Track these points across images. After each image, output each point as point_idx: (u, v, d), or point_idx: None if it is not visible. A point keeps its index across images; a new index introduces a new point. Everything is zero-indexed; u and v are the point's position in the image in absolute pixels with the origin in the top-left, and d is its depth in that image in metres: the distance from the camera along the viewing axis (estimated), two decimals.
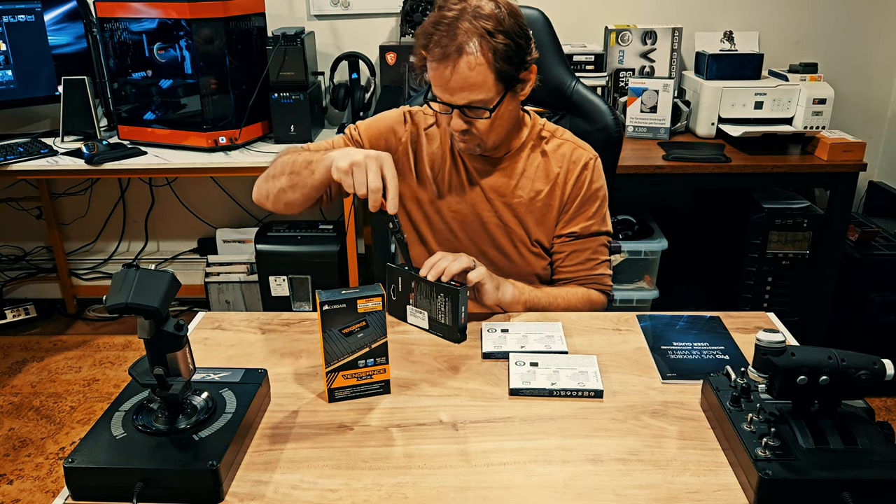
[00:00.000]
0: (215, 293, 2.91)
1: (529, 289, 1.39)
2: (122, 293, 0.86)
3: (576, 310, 1.42)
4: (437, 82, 1.29)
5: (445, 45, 1.24)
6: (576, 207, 1.44)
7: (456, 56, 1.24)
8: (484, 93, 1.28)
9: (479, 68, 1.25)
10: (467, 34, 1.23)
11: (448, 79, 1.26)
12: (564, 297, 1.43)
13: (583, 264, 1.46)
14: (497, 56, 1.25)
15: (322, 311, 1.03)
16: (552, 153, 1.44)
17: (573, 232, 1.45)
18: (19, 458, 2.26)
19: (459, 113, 1.31)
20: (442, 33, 1.24)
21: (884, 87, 2.80)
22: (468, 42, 1.23)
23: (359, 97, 2.70)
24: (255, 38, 2.56)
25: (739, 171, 2.30)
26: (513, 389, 1.10)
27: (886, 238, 2.48)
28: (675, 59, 2.67)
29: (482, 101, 1.28)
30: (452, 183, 1.46)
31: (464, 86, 1.26)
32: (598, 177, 1.45)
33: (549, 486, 0.90)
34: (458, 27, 1.24)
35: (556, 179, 1.43)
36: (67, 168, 2.43)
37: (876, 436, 0.90)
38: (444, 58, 1.25)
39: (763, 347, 0.90)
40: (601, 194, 1.46)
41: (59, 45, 2.65)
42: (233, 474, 0.92)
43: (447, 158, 1.46)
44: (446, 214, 1.47)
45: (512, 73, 1.29)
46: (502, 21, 1.25)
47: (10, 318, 3.08)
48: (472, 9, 1.25)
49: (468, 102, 1.28)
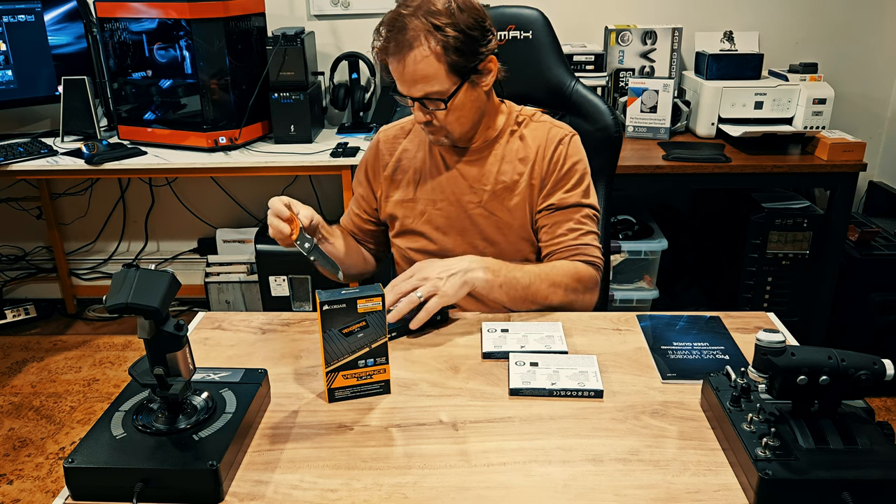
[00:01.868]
0: (215, 293, 2.91)
1: (505, 270, 1.33)
2: (122, 293, 0.86)
3: (562, 286, 1.36)
4: (395, 77, 1.35)
5: (399, 40, 1.30)
6: (553, 181, 1.44)
7: (407, 50, 1.30)
8: (438, 84, 1.32)
9: (428, 60, 1.30)
10: (416, 30, 1.29)
11: (402, 72, 1.32)
12: (548, 273, 1.36)
13: (565, 234, 1.42)
14: (447, 49, 1.30)
15: (322, 311, 1.03)
16: (529, 135, 1.46)
17: (552, 204, 1.43)
18: (19, 458, 2.26)
19: (420, 105, 1.36)
20: (395, 31, 1.30)
21: (884, 87, 2.80)
22: (417, 37, 1.29)
23: (359, 97, 2.70)
24: (255, 38, 2.56)
25: (739, 171, 2.30)
26: (513, 389, 1.10)
27: (886, 238, 2.48)
28: (675, 59, 2.67)
29: (437, 92, 1.33)
30: (435, 181, 1.49)
31: (417, 79, 1.32)
32: (575, 152, 1.45)
33: (549, 486, 0.90)
34: (408, 24, 1.29)
35: (535, 158, 1.44)
36: (67, 168, 2.43)
37: (876, 436, 0.90)
38: (397, 52, 1.31)
39: (763, 347, 0.90)
40: (579, 167, 1.45)
41: (59, 45, 2.65)
42: (233, 474, 0.92)
43: (427, 160, 1.50)
44: (432, 214, 1.49)
45: (465, 65, 1.33)
46: (452, 14, 1.30)
47: (10, 318, 3.08)
48: (426, 4, 1.30)
49: (424, 94, 1.34)
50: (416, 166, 1.51)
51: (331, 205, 3.00)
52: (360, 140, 2.63)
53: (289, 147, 2.54)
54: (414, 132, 1.53)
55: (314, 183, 2.98)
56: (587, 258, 1.42)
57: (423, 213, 1.50)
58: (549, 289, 1.35)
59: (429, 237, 1.50)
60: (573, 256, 1.42)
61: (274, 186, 2.98)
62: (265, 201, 1.33)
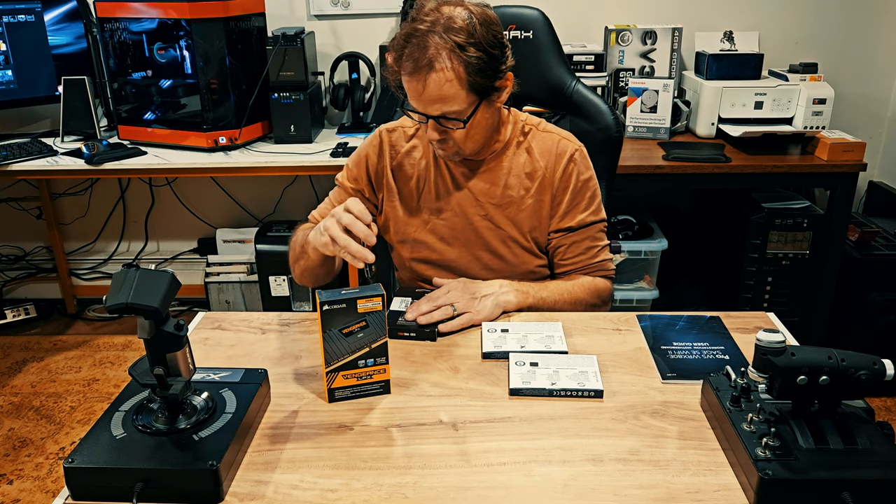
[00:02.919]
0: (215, 293, 2.91)
1: (533, 291, 1.38)
2: (122, 293, 0.86)
3: (582, 303, 1.41)
4: (410, 94, 1.29)
5: (417, 58, 1.24)
6: (567, 201, 1.43)
7: (427, 70, 1.24)
8: (457, 104, 1.28)
9: (451, 83, 1.25)
10: (437, 48, 1.23)
11: (420, 92, 1.27)
12: (570, 291, 1.41)
13: (584, 254, 1.46)
14: (469, 69, 1.25)
15: (322, 311, 1.03)
16: (536, 147, 1.44)
17: (570, 227, 1.44)
18: (19, 458, 2.26)
19: (434, 124, 1.31)
20: (413, 46, 1.24)
21: (884, 87, 2.80)
22: (438, 56, 1.23)
23: (359, 97, 2.70)
24: (255, 38, 2.56)
25: (739, 171, 2.30)
26: (513, 389, 1.10)
27: (886, 238, 2.48)
28: (675, 59, 2.67)
29: (456, 112, 1.29)
30: (440, 191, 1.46)
31: (436, 99, 1.27)
32: (586, 167, 1.45)
33: (549, 486, 0.90)
34: (429, 41, 1.23)
35: (544, 174, 1.43)
36: (67, 168, 2.43)
37: (876, 436, 0.90)
38: (416, 71, 1.25)
39: (763, 347, 0.90)
40: (591, 184, 1.45)
41: (59, 45, 2.65)
42: (233, 474, 0.92)
43: (431, 168, 1.46)
44: (436, 224, 1.46)
45: (486, 84, 1.29)
46: (474, 33, 1.24)
47: (10, 318, 3.08)
48: (445, 20, 1.24)
49: (442, 114, 1.29)
50: (420, 174, 1.47)
51: None
52: (360, 140, 2.63)
53: (289, 147, 2.53)
54: (418, 138, 1.48)
55: (314, 183, 2.98)
56: (604, 273, 1.47)
57: (427, 222, 1.47)
58: (571, 305, 1.40)
59: (432, 248, 1.48)
60: (592, 272, 1.46)
61: (274, 186, 2.98)
62: (265, 201, 1.33)
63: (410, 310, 1.30)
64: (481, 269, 1.46)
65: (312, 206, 1.55)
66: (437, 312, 1.28)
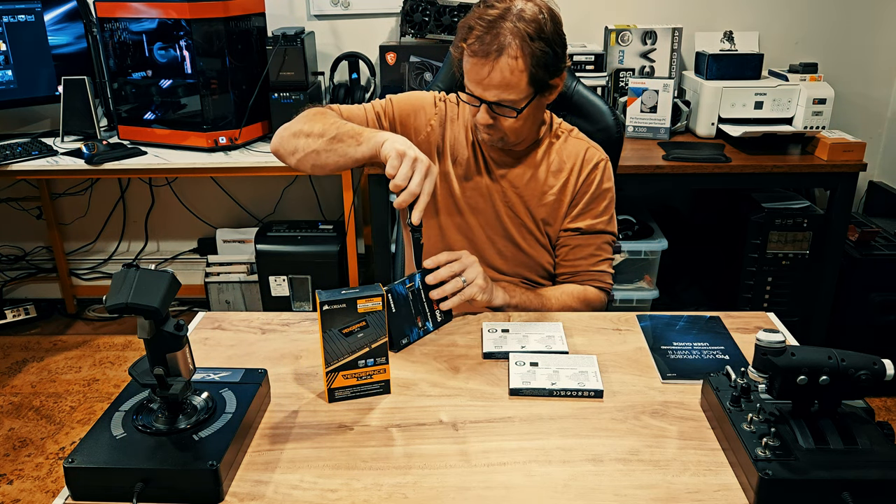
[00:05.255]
0: (215, 293, 2.91)
1: (521, 293, 1.41)
2: (122, 293, 0.86)
3: (570, 310, 1.42)
4: (471, 76, 1.31)
5: (487, 42, 1.26)
6: (584, 204, 1.46)
7: (496, 55, 1.26)
8: (516, 94, 1.30)
9: (515, 72, 1.27)
10: (510, 34, 1.25)
11: (484, 76, 1.28)
12: (558, 297, 1.44)
13: (585, 259, 1.48)
14: (534, 61, 1.27)
15: (322, 311, 1.03)
16: (566, 150, 1.47)
17: (579, 227, 1.47)
18: (19, 458, 2.26)
19: (488, 108, 1.33)
20: (484, 29, 1.26)
21: (884, 87, 2.80)
22: (510, 43, 1.25)
23: (359, 97, 2.70)
24: (255, 38, 2.56)
25: (739, 171, 2.30)
26: (513, 389, 1.10)
27: (886, 238, 2.48)
28: (675, 59, 2.67)
29: (512, 101, 1.31)
30: (470, 171, 1.47)
31: (498, 85, 1.28)
32: (608, 178, 1.48)
33: (549, 486, 0.90)
34: (502, 26, 1.25)
35: (569, 176, 1.46)
36: (67, 168, 2.43)
37: (876, 436, 0.90)
38: (484, 55, 1.26)
39: (763, 347, 0.90)
40: (609, 195, 1.48)
41: (59, 45, 2.65)
42: (233, 474, 0.92)
43: (467, 148, 1.48)
44: (460, 200, 1.48)
45: (545, 79, 1.31)
46: (544, 27, 1.27)
47: (10, 318, 3.08)
48: (517, 10, 1.27)
49: (498, 100, 1.31)
50: (460, 146, 1.47)
51: (331, 205, 3.00)
52: None
53: None
54: (462, 119, 1.49)
55: (314, 183, 2.98)
56: (600, 284, 1.49)
57: (451, 195, 1.48)
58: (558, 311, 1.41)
59: (461, 210, 1.47)
60: (587, 281, 1.48)
61: (274, 186, 2.98)
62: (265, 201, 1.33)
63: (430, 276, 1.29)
64: (495, 253, 1.48)
65: (312, 207, 1.55)
66: (448, 286, 1.28)
